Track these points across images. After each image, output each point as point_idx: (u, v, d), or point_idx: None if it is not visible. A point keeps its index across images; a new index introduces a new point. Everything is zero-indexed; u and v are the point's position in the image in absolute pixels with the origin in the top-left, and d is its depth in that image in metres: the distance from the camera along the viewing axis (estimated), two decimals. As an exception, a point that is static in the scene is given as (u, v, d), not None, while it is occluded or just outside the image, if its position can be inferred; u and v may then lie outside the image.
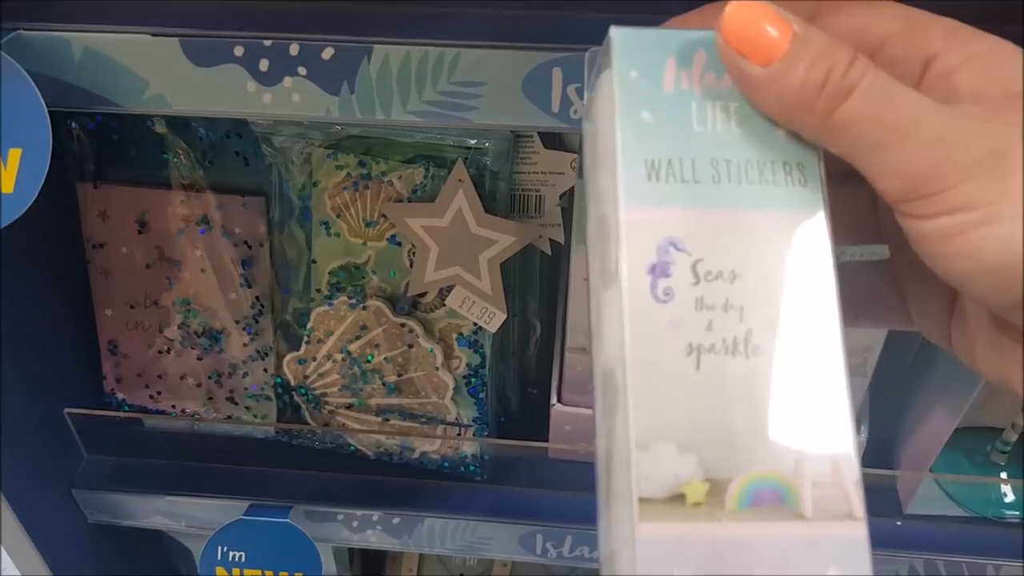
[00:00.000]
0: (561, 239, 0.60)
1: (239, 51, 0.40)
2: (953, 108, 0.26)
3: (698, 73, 0.28)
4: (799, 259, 0.27)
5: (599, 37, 0.38)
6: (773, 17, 0.26)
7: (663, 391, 0.26)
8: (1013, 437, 0.63)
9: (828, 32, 0.27)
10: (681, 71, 0.28)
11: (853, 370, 0.56)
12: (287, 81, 0.40)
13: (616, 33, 0.28)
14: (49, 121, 0.40)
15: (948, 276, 0.27)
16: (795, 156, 0.27)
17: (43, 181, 0.41)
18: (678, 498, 0.25)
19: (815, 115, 0.26)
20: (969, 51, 0.27)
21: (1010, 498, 0.63)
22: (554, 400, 0.63)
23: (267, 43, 0.39)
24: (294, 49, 0.39)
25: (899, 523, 0.63)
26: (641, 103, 0.27)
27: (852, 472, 0.25)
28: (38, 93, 0.40)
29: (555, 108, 0.40)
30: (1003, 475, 0.64)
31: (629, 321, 0.26)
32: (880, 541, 0.61)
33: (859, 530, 0.25)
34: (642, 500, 0.25)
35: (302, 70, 0.40)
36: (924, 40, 0.28)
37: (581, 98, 0.39)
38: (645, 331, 0.26)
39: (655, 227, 0.27)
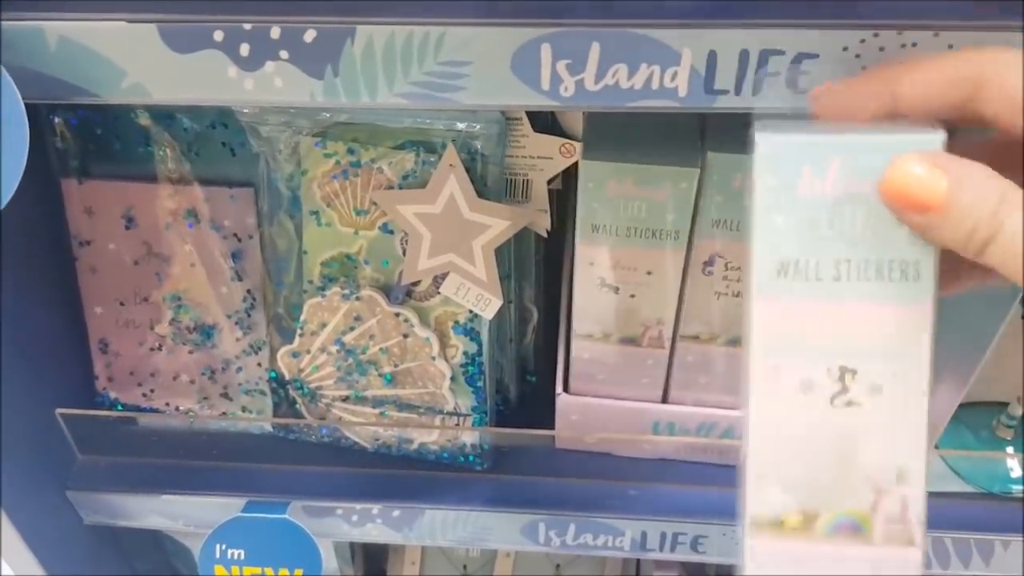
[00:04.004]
0: (550, 225, 0.59)
1: (219, 36, 0.39)
2: None
3: (830, 180, 0.32)
4: (901, 344, 0.32)
5: (587, 12, 0.37)
6: (926, 176, 0.30)
7: (774, 444, 0.33)
8: (1019, 411, 0.62)
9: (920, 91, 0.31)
10: (815, 179, 0.32)
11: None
12: (269, 66, 0.39)
13: (760, 139, 0.32)
14: (25, 113, 0.39)
15: None
16: (912, 255, 0.32)
17: (22, 174, 0.39)
18: (779, 523, 0.33)
19: (971, 251, 0.30)
20: None
21: (1016, 473, 0.63)
22: (560, 390, 0.62)
23: (247, 27, 0.38)
24: (275, 32, 0.38)
25: (905, 501, 0.62)
26: (777, 207, 0.32)
27: (918, 510, 0.33)
28: (13, 85, 0.39)
29: (545, 86, 0.39)
30: (1009, 450, 0.63)
31: (754, 397, 0.33)
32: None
33: (915, 554, 0.33)
34: (752, 522, 0.34)
35: (284, 54, 0.39)
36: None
37: (571, 74, 0.38)
38: (766, 403, 0.33)
39: (780, 317, 0.32)
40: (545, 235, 0.60)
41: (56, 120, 0.59)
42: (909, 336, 0.32)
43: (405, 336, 0.59)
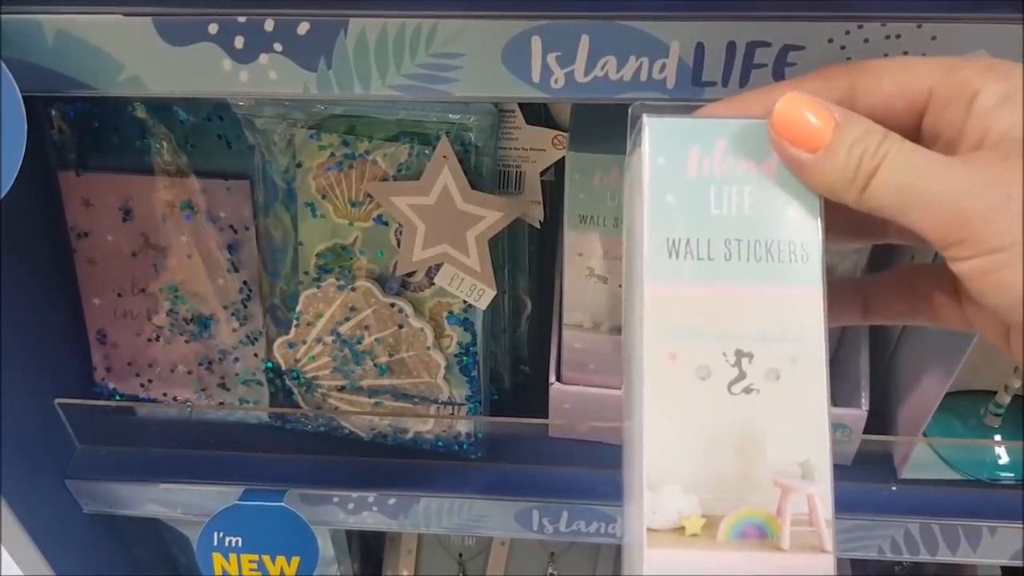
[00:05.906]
0: (542, 216, 0.59)
1: (213, 28, 0.39)
2: (969, 159, 0.29)
3: (718, 160, 0.32)
4: (795, 327, 0.31)
5: (577, 5, 0.38)
6: (818, 110, 0.30)
7: (672, 440, 0.31)
8: (1006, 399, 0.63)
9: (873, 98, 0.31)
10: (703, 158, 0.32)
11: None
12: (263, 58, 0.40)
13: (648, 121, 0.32)
14: (23, 106, 0.39)
15: (991, 307, 0.30)
16: (799, 236, 0.32)
17: (19, 167, 0.40)
18: (679, 529, 0.31)
19: (854, 191, 0.30)
20: (1005, 89, 0.30)
21: (1004, 460, 0.63)
22: (552, 379, 0.62)
23: (241, 19, 0.39)
24: (269, 25, 0.39)
25: (894, 488, 0.63)
26: (666, 187, 0.32)
27: (826, 511, 0.31)
28: (11, 78, 0.39)
29: (535, 78, 0.39)
30: (997, 437, 0.64)
31: (649, 387, 0.31)
32: (876, 507, 0.62)
33: (827, 561, 0.31)
34: (650, 530, 0.31)
35: (278, 46, 0.39)
36: (966, 80, 0.30)
37: (561, 67, 0.39)
38: (662, 393, 0.31)
39: (673, 301, 0.32)
40: (538, 226, 0.60)
41: (54, 113, 0.59)
42: (803, 319, 0.31)
43: (400, 326, 0.60)
